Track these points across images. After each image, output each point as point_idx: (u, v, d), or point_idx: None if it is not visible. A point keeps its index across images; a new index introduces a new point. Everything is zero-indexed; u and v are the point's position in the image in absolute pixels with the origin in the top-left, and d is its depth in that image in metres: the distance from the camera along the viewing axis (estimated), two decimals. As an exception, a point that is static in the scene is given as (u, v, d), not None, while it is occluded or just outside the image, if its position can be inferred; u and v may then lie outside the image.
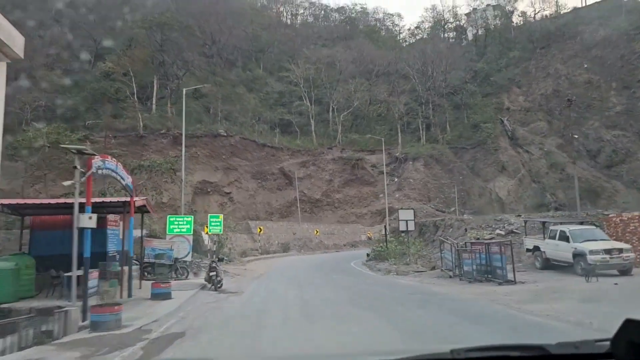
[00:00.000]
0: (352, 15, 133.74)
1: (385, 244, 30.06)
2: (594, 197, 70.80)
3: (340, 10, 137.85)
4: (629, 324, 1.00)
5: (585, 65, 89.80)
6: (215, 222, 26.41)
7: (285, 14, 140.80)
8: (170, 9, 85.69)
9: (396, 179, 70.20)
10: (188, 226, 21.86)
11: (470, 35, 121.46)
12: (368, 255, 33.04)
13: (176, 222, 21.33)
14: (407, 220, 26.11)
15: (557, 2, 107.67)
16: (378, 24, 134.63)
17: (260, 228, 37.21)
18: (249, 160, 72.27)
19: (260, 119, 78.33)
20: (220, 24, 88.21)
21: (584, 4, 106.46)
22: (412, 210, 27.80)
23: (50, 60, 71.28)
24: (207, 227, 26.50)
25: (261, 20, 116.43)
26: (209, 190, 69.09)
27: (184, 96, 35.57)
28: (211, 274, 15.75)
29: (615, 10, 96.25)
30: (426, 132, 79.74)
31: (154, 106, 72.51)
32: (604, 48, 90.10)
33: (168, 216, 21.41)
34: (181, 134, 72.70)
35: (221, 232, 25.82)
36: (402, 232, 26.33)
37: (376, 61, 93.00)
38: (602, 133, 79.11)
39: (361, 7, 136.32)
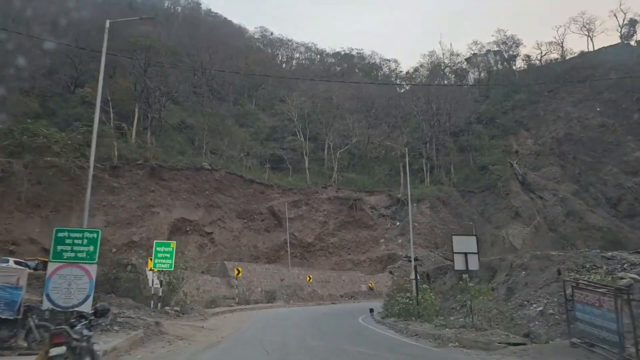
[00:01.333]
0: (349, 58, 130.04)
1: (414, 293, 21.51)
2: (619, 249, 63.30)
3: (336, 55, 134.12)
4: None
5: (598, 109, 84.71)
6: (164, 253, 18.50)
7: (280, 57, 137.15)
8: (159, 35, 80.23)
9: (398, 223, 62.70)
10: (89, 248, 10.82)
11: (471, 80, 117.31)
12: (372, 310, 25.15)
13: (68, 239, 10.92)
14: (466, 254, 16.82)
15: (562, 45, 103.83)
16: (375, 69, 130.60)
17: (238, 270, 29.20)
18: (235, 197, 64.74)
19: (249, 153, 71.38)
20: (212, 55, 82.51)
21: (591, 49, 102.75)
22: (473, 238, 19.34)
23: (26, 85, 65.35)
24: (151, 260, 18.17)
25: (255, 57, 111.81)
26: (187, 229, 61.11)
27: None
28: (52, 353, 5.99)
29: (626, 55, 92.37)
30: (430, 174, 72.86)
31: (133, 134, 65.37)
32: (617, 91, 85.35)
33: (55, 229, 10.77)
34: (160, 166, 65.73)
35: (171, 269, 17.51)
36: (460, 271, 17.78)
37: (375, 99, 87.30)
38: (621, 179, 72.69)
39: (357, 52, 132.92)
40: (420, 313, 18.73)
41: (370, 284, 46.21)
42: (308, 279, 39.11)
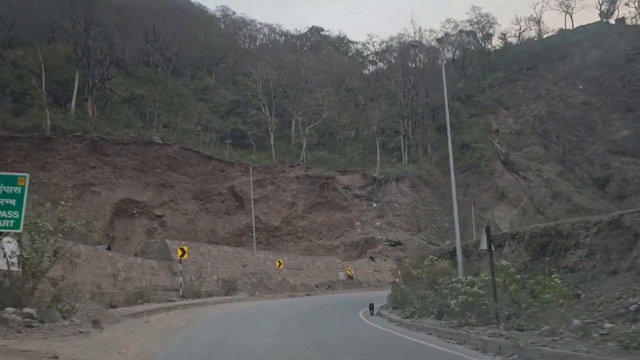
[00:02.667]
0: (314, 39, 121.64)
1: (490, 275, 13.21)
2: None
3: (301, 37, 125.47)
4: None
5: (581, 87, 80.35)
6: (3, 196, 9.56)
7: (243, 38, 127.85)
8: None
9: (375, 204, 56.18)
10: None
11: (445, 58, 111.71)
12: (372, 307, 18.04)
13: None
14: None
15: (539, 23, 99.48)
16: (345, 44, 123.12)
17: (182, 250, 21.51)
18: (190, 176, 56.86)
19: (207, 127, 63.34)
20: (166, 21, 73.61)
21: (570, 27, 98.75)
22: None
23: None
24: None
25: (216, 31, 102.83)
26: (134, 211, 53.00)
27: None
28: None
29: (606, 33, 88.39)
30: (407, 153, 66.59)
31: (72, 103, 56.39)
32: (600, 69, 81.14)
33: None
34: (103, 139, 56.92)
35: (19, 230, 9.47)
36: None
37: (346, 74, 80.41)
38: (608, 159, 68.26)
39: (324, 34, 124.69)
40: (507, 313, 10.90)
41: (349, 272, 39.58)
42: (278, 264, 32.03)
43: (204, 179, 57.51)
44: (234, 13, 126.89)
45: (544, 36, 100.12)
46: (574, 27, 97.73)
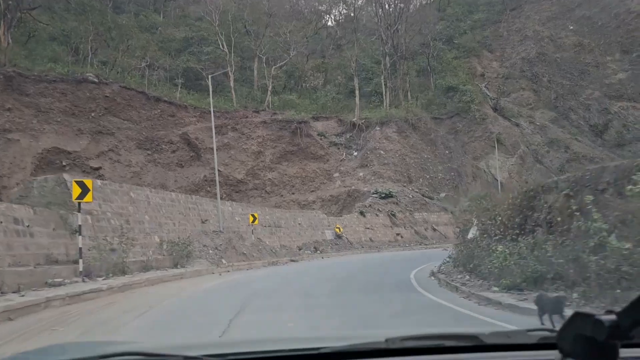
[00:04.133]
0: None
1: None
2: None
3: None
4: (577, 317, 1.00)
5: (571, 27, 73.38)
6: None
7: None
8: None
9: (355, 153, 48.01)
10: None
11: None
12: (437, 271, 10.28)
13: None
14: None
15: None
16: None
17: (82, 186, 11.92)
18: (134, 121, 47.11)
19: (155, 65, 53.01)
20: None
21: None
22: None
23: None
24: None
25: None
26: (63, 163, 43.05)
27: None
28: None
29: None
30: (388, 97, 58.22)
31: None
32: (591, 8, 74.17)
33: None
34: (22, 76, 46.01)
35: None
36: None
37: (317, 6, 70.64)
38: (606, 104, 62.02)
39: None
40: None
41: (337, 229, 31.66)
42: (252, 219, 23.59)
43: (150, 124, 47.76)
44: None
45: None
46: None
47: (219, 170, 46.00)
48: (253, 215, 23.74)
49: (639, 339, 0.96)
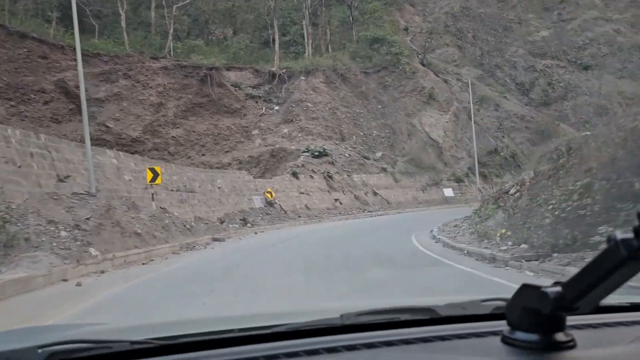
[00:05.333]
0: None
1: None
2: (545, 140, 50.64)
3: None
4: (524, 288, 1.01)
5: (493, -18, 70.45)
6: None
7: None
8: None
9: (277, 107, 40.87)
10: None
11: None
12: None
13: None
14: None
15: None
16: None
17: None
18: (-10, 62, 36.28)
19: (18, -5, 41.68)
20: None
21: None
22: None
23: None
24: None
25: None
26: None
27: None
28: None
29: None
30: (311, 46, 51.26)
31: None
32: (512, -37, 71.72)
33: None
34: None
35: None
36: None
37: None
38: (532, 62, 59.87)
39: None
40: None
41: (268, 194, 24.64)
42: (150, 177, 15.66)
43: (15, 67, 37.10)
44: None
45: None
46: None
47: (106, 126, 36.89)
48: (153, 171, 15.82)
49: (584, 310, 0.94)
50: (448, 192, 39.88)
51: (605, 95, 55.26)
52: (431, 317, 1.45)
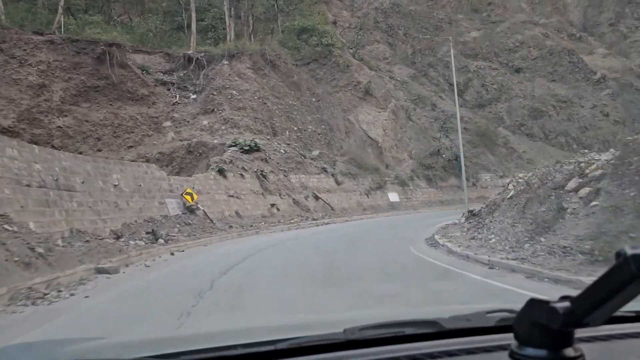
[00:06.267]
0: None
1: None
2: (491, 145, 47.95)
3: None
4: (532, 303, 0.99)
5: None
6: None
7: None
8: None
9: (194, 95, 34.12)
10: None
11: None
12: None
13: None
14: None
15: None
16: None
17: None
18: None
19: None
20: None
21: None
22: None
23: None
24: None
25: None
26: None
27: None
28: None
29: None
30: (232, 31, 44.89)
31: None
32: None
33: None
34: None
35: None
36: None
37: None
38: (465, 63, 57.59)
39: None
40: None
41: (188, 197, 17.87)
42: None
43: None
44: None
45: None
46: None
47: (-33, 111, 28.21)
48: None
49: (593, 325, 0.92)
50: (393, 196, 35.19)
51: (539, 98, 53.92)
52: (436, 330, 1.40)
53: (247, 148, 25.77)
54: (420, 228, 19.46)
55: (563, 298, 0.94)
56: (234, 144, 25.98)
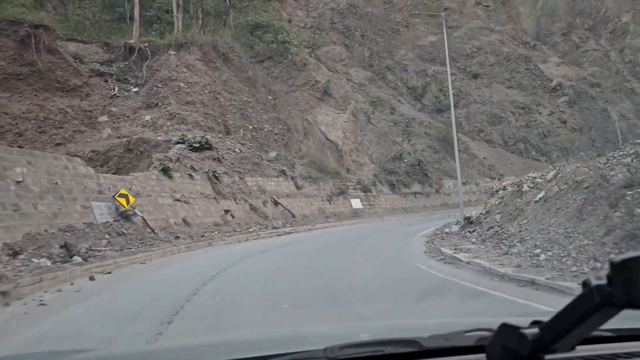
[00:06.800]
0: None
1: None
2: (452, 151, 46.17)
3: None
4: (503, 328, 1.01)
5: (378, -17, 66.66)
6: None
7: None
8: None
9: (135, 88, 30.34)
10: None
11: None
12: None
13: None
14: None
15: None
16: None
17: None
18: None
19: None
20: None
21: None
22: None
23: None
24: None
25: None
26: None
27: None
28: None
29: None
30: (180, 21, 41.25)
31: None
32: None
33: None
34: None
35: None
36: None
37: None
38: (423, 67, 56.27)
39: None
40: None
41: (121, 199, 14.22)
42: None
43: None
44: None
45: None
46: None
47: None
48: None
49: (561, 351, 0.95)
50: (356, 203, 32.56)
51: (498, 104, 53.11)
52: (415, 349, 1.40)
53: (197, 145, 22.36)
54: (402, 237, 16.86)
55: (533, 323, 0.95)
56: (181, 141, 22.51)
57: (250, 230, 19.92)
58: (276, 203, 24.72)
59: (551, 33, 65.77)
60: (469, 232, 12.99)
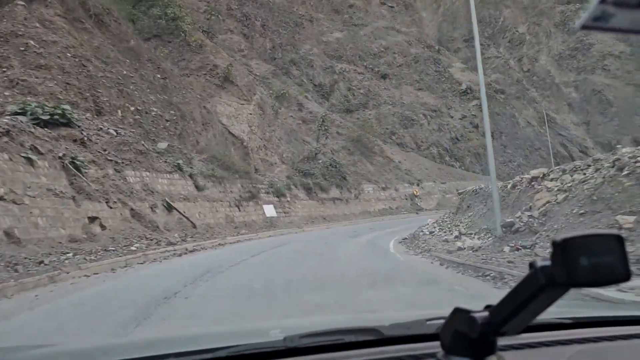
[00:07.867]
0: None
1: None
2: (368, 153, 41.74)
3: None
4: (456, 312, 1.02)
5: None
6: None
7: None
8: None
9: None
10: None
11: None
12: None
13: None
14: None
15: None
16: None
17: None
18: None
19: None
20: None
21: None
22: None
23: None
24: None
25: None
26: None
27: None
28: None
29: None
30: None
31: None
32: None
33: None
34: None
35: None
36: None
37: None
38: (330, 63, 51.77)
39: None
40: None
41: None
42: None
43: None
44: None
45: None
46: None
47: None
48: None
49: (512, 334, 0.95)
50: (269, 210, 26.24)
51: (409, 106, 49.90)
52: (375, 337, 1.40)
53: (45, 118, 14.65)
54: (381, 260, 11.02)
55: (486, 307, 0.96)
56: (21, 111, 14.65)
57: (133, 248, 12.84)
58: (170, 208, 17.65)
59: (453, 39, 65.11)
60: (517, 247, 7.61)
